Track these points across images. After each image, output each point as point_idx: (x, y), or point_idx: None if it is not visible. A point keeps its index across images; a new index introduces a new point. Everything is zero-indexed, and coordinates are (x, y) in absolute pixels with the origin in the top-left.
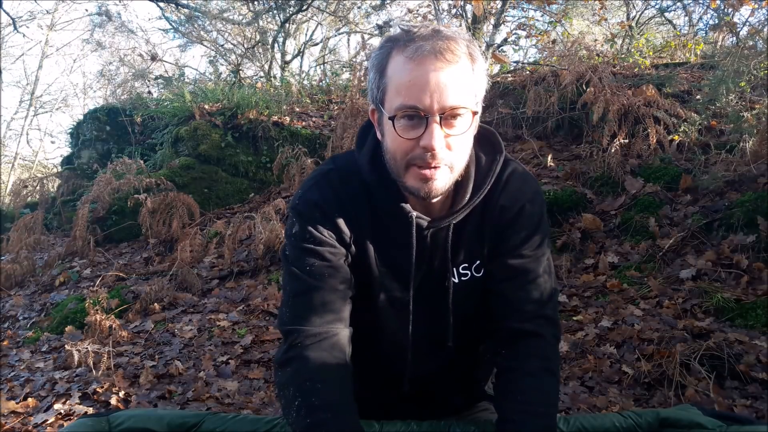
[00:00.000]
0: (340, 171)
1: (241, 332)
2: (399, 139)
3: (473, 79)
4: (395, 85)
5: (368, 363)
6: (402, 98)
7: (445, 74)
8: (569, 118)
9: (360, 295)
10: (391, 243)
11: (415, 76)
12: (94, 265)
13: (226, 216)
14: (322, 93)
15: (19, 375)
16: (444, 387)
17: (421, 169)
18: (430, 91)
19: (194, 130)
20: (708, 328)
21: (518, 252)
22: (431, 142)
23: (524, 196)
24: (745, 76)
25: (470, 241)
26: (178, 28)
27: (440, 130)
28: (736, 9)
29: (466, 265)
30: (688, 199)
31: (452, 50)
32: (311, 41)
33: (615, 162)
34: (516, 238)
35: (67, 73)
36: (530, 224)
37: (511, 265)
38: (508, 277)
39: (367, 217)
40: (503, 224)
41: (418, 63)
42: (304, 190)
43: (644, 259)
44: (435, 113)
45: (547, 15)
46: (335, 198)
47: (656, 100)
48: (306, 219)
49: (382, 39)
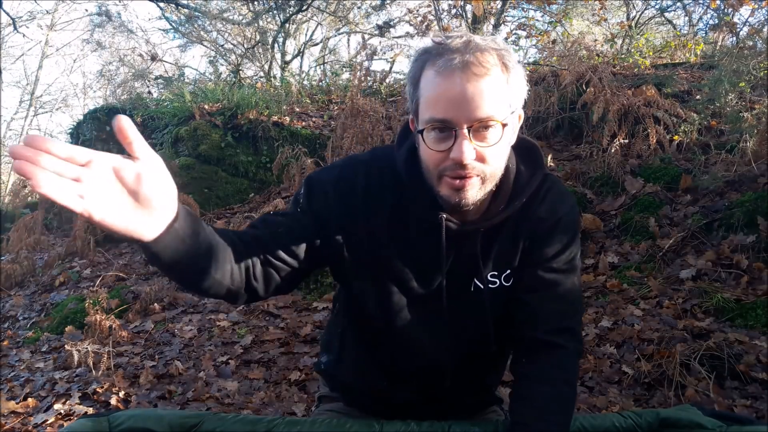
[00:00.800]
0: (372, 164)
1: (241, 332)
2: (429, 151)
3: (506, 89)
4: (425, 98)
5: (380, 357)
6: (431, 112)
7: (474, 87)
8: (569, 118)
9: (371, 283)
10: (414, 242)
11: (443, 90)
12: (94, 265)
13: (226, 216)
14: (322, 93)
15: (19, 375)
16: (456, 389)
17: (452, 179)
18: (458, 104)
19: (194, 130)
20: (708, 328)
21: (550, 265)
22: (460, 156)
23: (561, 210)
24: (744, 76)
25: (502, 250)
26: (178, 28)
27: (470, 143)
28: (736, 9)
29: (496, 273)
30: (688, 199)
31: (482, 62)
32: (311, 41)
33: (615, 162)
34: (549, 251)
35: (67, 73)
36: (564, 238)
37: (541, 276)
38: (536, 288)
39: (388, 213)
40: (538, 235)
41: (446, 77)
42: (328, 167)
43: (644, 259)
44: (463, 126)
45: (547, 15)
46: (350, 188)
47: (656, 100)
48: (308, 189)
49: (417, 50)
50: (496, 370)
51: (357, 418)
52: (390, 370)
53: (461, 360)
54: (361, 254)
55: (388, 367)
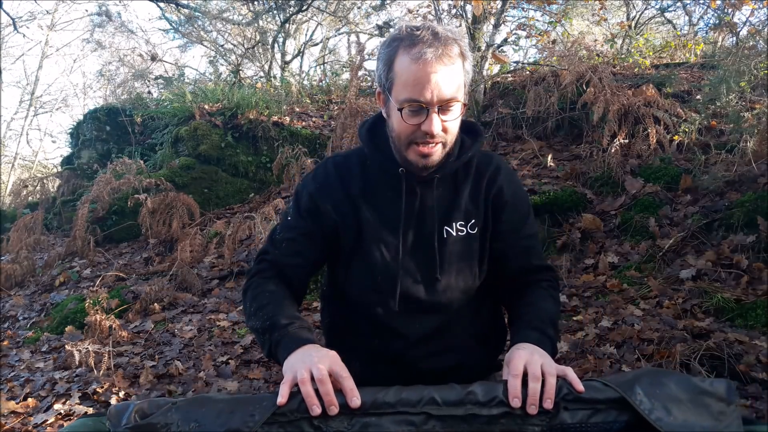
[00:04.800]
0: (337, 156)
1: (241, 332)
2: (404, 124)
3: (463, 74)
4: (402, 80)
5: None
6: (408, 93)
7: (443, 74)
8: (569, 118)
9: (355, 247)
10: (383, 199)
11: (419, 76)
12: (94, 265)
13: (226, 216)
14: (322, 93)
15: (19, 375)
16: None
17: (421, 146)
18: (431, 88)
19: (194, 130)
20: (708, 328)
21: (521, 233)
22: (431, 128)
23: (515, 181)
24: (745, 76)
25: (465, 204)
26: (178, 28)
27: (438, 117)
28: (736, 8)
29: (462, 222)
30: (688, 199)
31: (449, 54)
32: (311, 41)
33: (615, 162)
34: (515, 217)
35: (67, 73)
36: (525, 205)
37: (517, 244)
38: (515, 255)
39: (359, 182)
40: (503, 201)
41: (421, 65)
42: (310, 172)
43: (644, 259)
44: (434, 105)
45: (547, 15)
46: (323, 176)
47: (656, 100)
48: (295, 197)
49: (388, 36)
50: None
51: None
52: (380, 327)
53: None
54: (340, 221)
55: (377, 324)
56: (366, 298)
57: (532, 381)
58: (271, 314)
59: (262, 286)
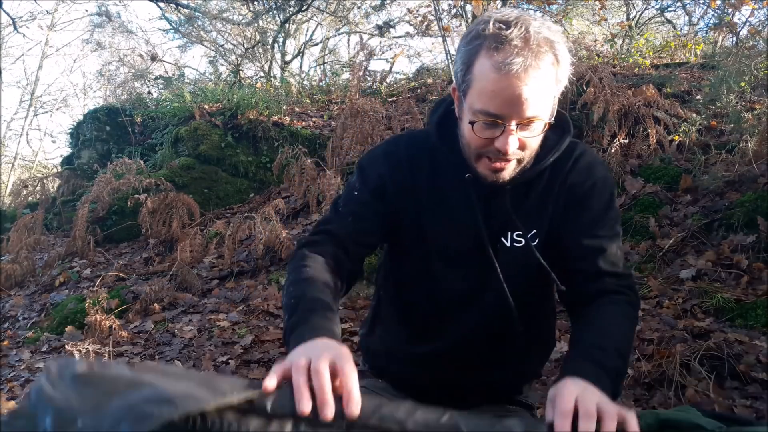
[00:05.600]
0: (411, 137)
1: (241, 332)
2: (475, 137)
3: (554, 85)
4: (479, 87)
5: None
6: (484, 104)
7: (528, 90)
8: (569, 118)
9: (410, 247)
10: (448, 201)
11: (499, 88)
12: (94, 265)
13: (226, 216)
14: (322, 93)
15: (19, 375)
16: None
17: (492, 162)
18: (512, 104)
19: (194, 131)
20: (708, 328)
21: (593, 232)
22: (506, 147)
23: (595, 174)
24: (745, 76)
25: (529, 212)
26: (178, 28)
27: (515, 135)
28: (736, 9)
29: (521, 233)
30: (688, 200)
31: (539, 66)
32: (311, 41)
33: (615, 162)
34: (588, 216)
35: (67, 73)
36: (602, 203)
37: (586, 244)
38: (583, 256)
39: (426, 178)
40: (575, 201)
41: (503, 75)
42: (373, 148)
43: (644, 259)
44: (512, 122)
45: (546, 15)
46: (396, 157)
47: (656, 100)
48: (362, 170)
49: (472, 31)
50: (533, 348)
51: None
52: (420, 334)
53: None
54: (403, 214)
55: (418, 330)
56: (416, 297)
57: (584, 420)
58: (300, 294)
59: (307, 260)
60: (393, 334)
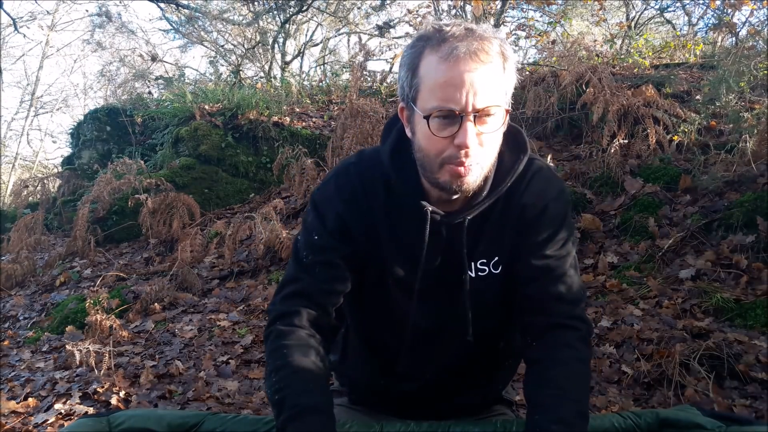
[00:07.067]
0: (361, 164)
1: (242, 332)
2: (433, 138)
3: (505, 77)
4: (429, 85)
5: (381, 352)
6: (437, 99)
7: (479, 74)
8: (569, 118)
9: (372, 282)
10: (406, 234)
11: (449, 77)
12: (95, 265)
13: (227, 216)
14: (322, 93)
15: (19, 375)
16: (461, 385)
17: (455, 166)
18: (465, 92)
19: (194, 131)
20: (707, 328)
21: (542, 252)
22: (465, 140)
23: (548, 195)
24: (745, 76)
25: (490, 238)
26: (179, 28)
27: (473, 128)
28: (736, 8)
29: (485, 260)
30: (688, 200)
31: (486, 50)
32: (311, 42)
33: (614, 162)
34: (538, 237)
35: (68, 73)
36: (554, 224)
37: (534, 265)
38: (533, 278)
39: (383, 208)
40: (526, 223)
41: (452, 64)
42: (324, 181)
43: (644, 259)
44: (469, 113)
45: (546, 15)
46: (350, 192)
47: (656, 100)
48: (318, 211)
49: (413, 37)
50: (502, 368)
51: (358, 416)
52: (389, 368)
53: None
54: (365, 250)
55: (387, 364)
56: (378, 337)
57: None
58: (285, 384)
59: (286, 339)
60: (362, 367)
